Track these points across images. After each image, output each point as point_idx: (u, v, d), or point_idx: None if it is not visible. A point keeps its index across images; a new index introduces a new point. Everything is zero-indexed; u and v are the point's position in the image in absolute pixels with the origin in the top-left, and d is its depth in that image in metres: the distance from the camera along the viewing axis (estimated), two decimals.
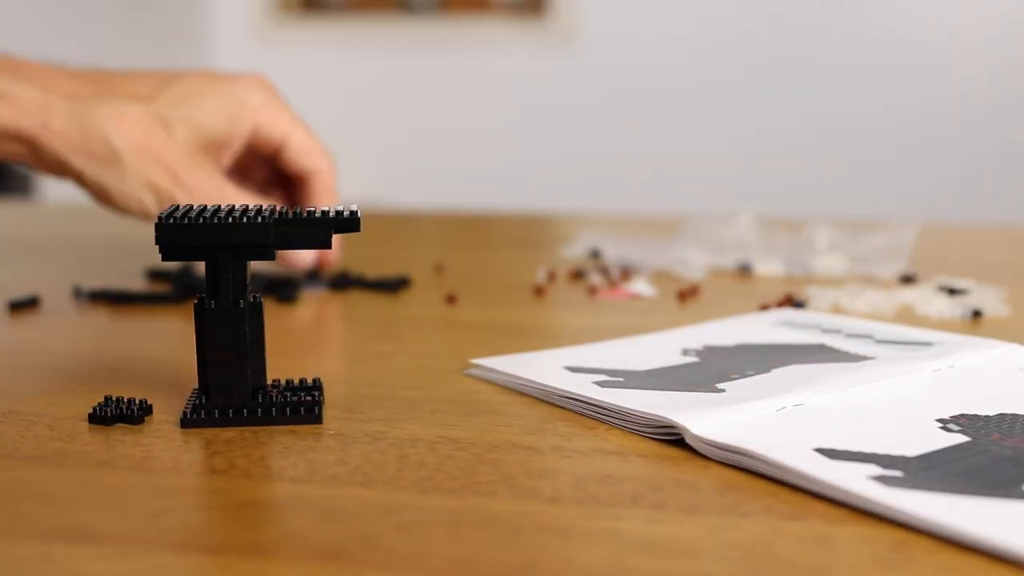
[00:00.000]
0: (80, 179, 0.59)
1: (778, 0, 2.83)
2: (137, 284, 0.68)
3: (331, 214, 0.40)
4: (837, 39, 2.80)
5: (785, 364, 0.46)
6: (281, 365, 0.49)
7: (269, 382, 0.42)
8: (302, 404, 0.40)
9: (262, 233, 0.39)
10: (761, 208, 0.96)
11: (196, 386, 0.41)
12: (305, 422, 0.40)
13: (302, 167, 0.64)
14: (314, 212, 0.40)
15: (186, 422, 0.39)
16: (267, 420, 0.40)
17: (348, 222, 0.40)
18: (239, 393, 0.40)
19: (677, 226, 0.84)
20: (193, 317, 0.40)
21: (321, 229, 0.40)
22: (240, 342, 0.40)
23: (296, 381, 0.43)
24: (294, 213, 0.40)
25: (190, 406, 0.40)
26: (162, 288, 0.67)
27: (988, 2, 2.72)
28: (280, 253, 0.47)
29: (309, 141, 0.65)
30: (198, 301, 0.40)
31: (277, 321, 0.59)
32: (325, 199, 0.65)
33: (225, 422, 0.39)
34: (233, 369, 0.40)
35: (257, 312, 0.40)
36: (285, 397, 0.41)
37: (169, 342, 0.55)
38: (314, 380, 0.43)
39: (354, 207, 0.41)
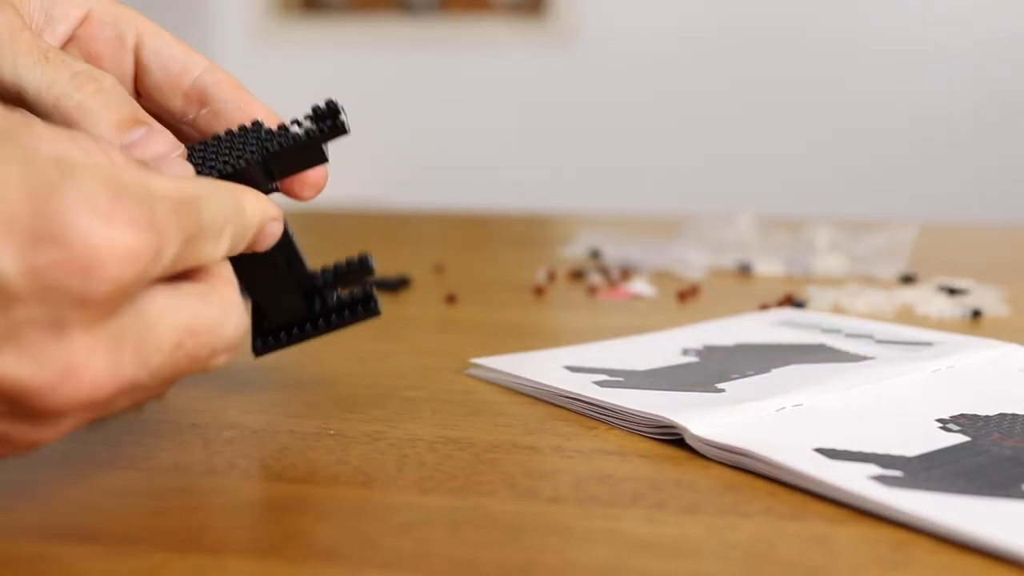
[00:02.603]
0: None
1: (778, 3, 2.83)
2: None
3: (315, 126, 0.36)
4: (837, 40, 2.80)
5: (785, 364, 0.46)
6: (281, 364, 0.49)
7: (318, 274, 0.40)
8: (358, 301, 0.39)
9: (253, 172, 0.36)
10: (761, 208, 0.96)
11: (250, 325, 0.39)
12: (368, 316, 0.39)
13: (186, 66, 0.41)
14: (299, 125, 0.37)
15: (262, 349, 0.39)
16: (333, 325, 0.39)
17: (334, 128, 0.36)
18: (295, 307, 0.39)
19: (677, 226, 0.84)
20: None
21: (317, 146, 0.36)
22: (286, 252, 0.38)
23: (343, 263, 0.40)
24: (278, 137, 0.36)
25: (258, 339, 0.39)
26: None
27: (988, 6, 2.72)
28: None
29: (173, 37, 0.42)
30: None
31: None
32: (242, 98, 0.40)
33: (299, 338, 0.39)
34: (283, 284, 0.38)
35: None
36: (337, 297, 0.39)
37: None
38: (364, 257, 0.40)
39: (333, 102, 0.37)
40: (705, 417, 0.37)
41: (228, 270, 0.32)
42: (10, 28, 0.36)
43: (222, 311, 0.31)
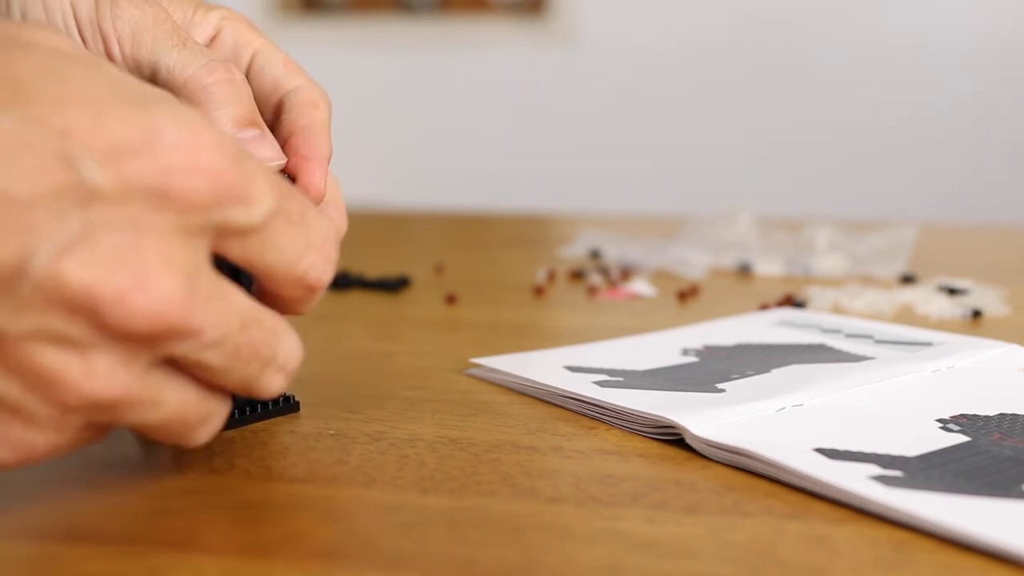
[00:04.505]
0: None
1: (778, 3, 2.83)
2: None
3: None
4: (837, 41, 2.80)
5: (785, 364, 0.46)
6: None
7: None
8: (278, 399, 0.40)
9: None
10: (761, 208, 0.96)
11: None
12: (288, 412, 0.40)
13: (278, 84, 0.42)
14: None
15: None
16: (250, 419, 0.40)
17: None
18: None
19: (677, 226, 0.84)
20: None
21: None
22: None
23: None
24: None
25: None
26: None
27: (989, 5, 2.72)
28: None
29: (288, 57, 0.43)
30: None
31: None
32: (316, 131, 0.40)
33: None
34: None
35: None
36: None
37: None
38: None
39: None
40: (705, 417, 0.37)
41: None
42: (155, 17, 0.38)
43: (284, 325, 0.31)
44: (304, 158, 0.38)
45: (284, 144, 0.39)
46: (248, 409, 0.40)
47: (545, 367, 0.46)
